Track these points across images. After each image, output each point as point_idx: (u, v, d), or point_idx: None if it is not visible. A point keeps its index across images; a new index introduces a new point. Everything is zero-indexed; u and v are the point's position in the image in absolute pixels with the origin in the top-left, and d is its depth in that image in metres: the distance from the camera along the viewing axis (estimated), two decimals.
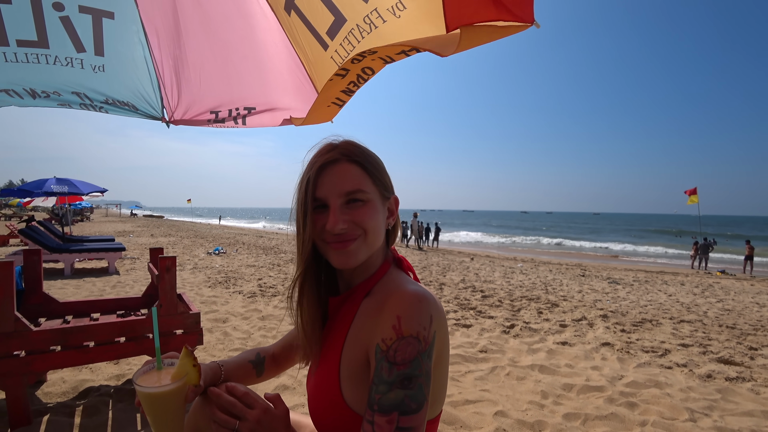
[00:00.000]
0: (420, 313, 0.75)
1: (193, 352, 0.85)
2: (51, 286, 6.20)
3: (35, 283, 2.77)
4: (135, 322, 2.41)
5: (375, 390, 0.73)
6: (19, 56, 1.64)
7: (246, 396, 0.85)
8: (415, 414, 0.72)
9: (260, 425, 0.81)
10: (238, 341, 3.71)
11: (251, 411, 0.82)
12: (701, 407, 2.71)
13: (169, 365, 0.87)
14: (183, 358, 0.83)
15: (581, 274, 11.04)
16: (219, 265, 9.10)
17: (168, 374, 0.83)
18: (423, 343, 0.74)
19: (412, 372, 0.72)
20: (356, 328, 0.85)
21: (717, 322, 5.41)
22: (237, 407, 0.82)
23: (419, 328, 0.74)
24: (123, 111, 1.95)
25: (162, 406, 0.79)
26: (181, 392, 0.81)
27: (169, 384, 0.79)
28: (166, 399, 0.78)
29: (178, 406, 0.82)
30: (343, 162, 0.86)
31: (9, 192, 12.93)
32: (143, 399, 0.78)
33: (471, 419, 2.42)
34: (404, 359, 0.72)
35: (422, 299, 0.77)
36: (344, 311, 0.91)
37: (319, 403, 0.87)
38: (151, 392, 0.77)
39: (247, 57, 1.91)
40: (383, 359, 0.74)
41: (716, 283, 10.29)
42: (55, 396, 2.53)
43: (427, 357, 0.74)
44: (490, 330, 4.49)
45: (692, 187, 18.06)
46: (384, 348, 0.74)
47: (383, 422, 0.70)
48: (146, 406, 0.79)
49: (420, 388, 0.73)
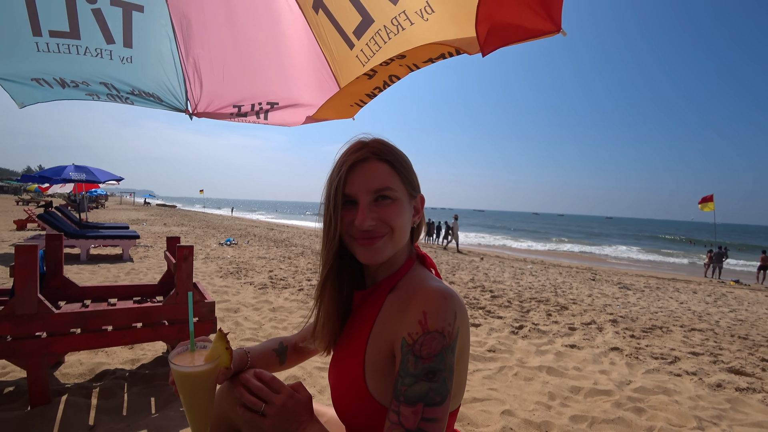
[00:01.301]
0: (445, 309, 0.78)
1: (227, 336, 0.89)
2: (67, 271, 6.35)
3: (56, 268, 2.85)
4: (151, 309, 2.47)
5: (401, 382, 0.76)
6: (51, 46, 1.69)
7: (273, 381, 0.90)
8: (439, 406, 0.74)
9: (285, 409, 0.86)
10: (249, 331, 3.78)
11: (277, 395, 0.88)
12: (710, 416, 2.69)
13: (202, 347, 0.91)
14: (217, 341, 0.87)
15: (591, 278, 10.94)
16: (230, 256, 9.22)
17: (201, 356, 0.87)
18: (447, 338, 0.76)
19: (436, 366, 0.75)
20: (381, 322, 0.88)
21: (729, 332, 5.34)
22: (264, 392, 0.88)
23: (444, 323, 0.76)
24: (148, 102, 1.99)
25: (194, 386, 0.83)
26: (213, 373, 0.85)
27: (202, 365, 0.83)
28: (199, 379, 0.83)
29: (210, 386, 0.86)
30: (373, 160, 0.88)
31: (29, 177, 13.20)
32: (178, 378, 0.83)
33: (478, 417, 2.44)
34: (429, 353, 0.75)
35: (447, 296, 0.79)
36: (369, 305, 0.94)
37: (343, 394, 0.90)
38: (185, 371, 0.81)
39: (271, 52, 1.93)
40: (409, 352, 0.76)
41: (729, 293, 10.12)
42: (73, 377, 2.61)
43: (450, 352, 0.77)
44: (499, 330, 4.49)
45: (707, 194, 17.66)
46: (410, 342, 0.77)
47: (409, 413, 0.73)
48: (180, 385, 0.83)
49: (444, 382, 0.75)
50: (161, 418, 2.17)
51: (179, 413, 2.23)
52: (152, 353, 3.05)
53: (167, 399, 2.38)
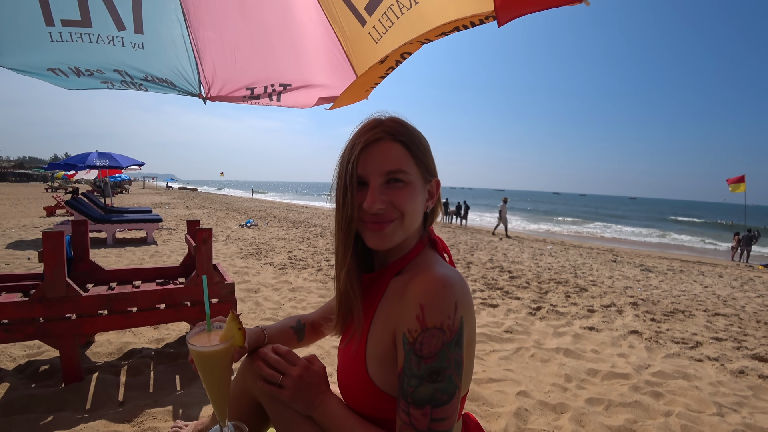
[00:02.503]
0: (444, 300, 0.74)
1: (239, 317, 0.92)
2: (95, 255, 6.60)
3: (83, 252, 2.96)
4: (174, 290, 2.55)
5: (407, 382, 0.74)
6: (64, 36, 1.70)
7: (289, 354, 0.94)
8: (447, 405, 0.73)
9: (302, 380, 0.90)
10: (269, 311, 3.87)
11: (293, 368, 0.91)
12: (730, 402, 2.64)
13: (218, 328, 0.94)
14: (230, 322, 0.91)
15: (613, 259, 10.74)
16: (251, 237, 9.39)
17: (217, 336, 0.91)
18: (448, 333, 0.73)
19: (439, 365, 0.72)
20: (383, 308, 0.86)
21: (755, 317, 5.17)
22: (281, 364, 0.92)
23: (443, 317, 0.73)
24: (162, 88, 2.01)
25: (211, 364, 0.87)
26: (227, 352, 0.89)
27: (217, 344, 0.87)
28: (215, 357, 0.87)
29: (226, 364, 0.90)
30: (387, 140, 0.84)
31: (55, 165, 13.61)
32: (195, 356, 0.87)
33: (494, 397, 2.46)
34: (430, 352, 0.72)
35: (446, 284, 0.75)
36: (375, 289, 0.93)
37: (346, 376, 0.92)
38: (201, 351, 0.86)
39: (283, 33, 1.91)
40: (411, 351, 0.74)
41: (757, 278, 9.77)
42: (103, 356, 2.74)
43: (454, 345, 0.74)
44: (517, 311, 4.48)
45: (739, 174, 16.77)
46: (411, 340, 0.74)
47: (418, 415, 0.73)
48: (198, 363, 0.88)
49: (450, 379, 0.73)
50: (186, 395, 2.26)
51: (202, 390, 2.32)
52: (176, 333, 3.17)
53: (191, 376, 2.48)
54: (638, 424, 2.30)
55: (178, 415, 2.06)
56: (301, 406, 0.90)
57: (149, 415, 2.03)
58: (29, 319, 2.19)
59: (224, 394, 0.91)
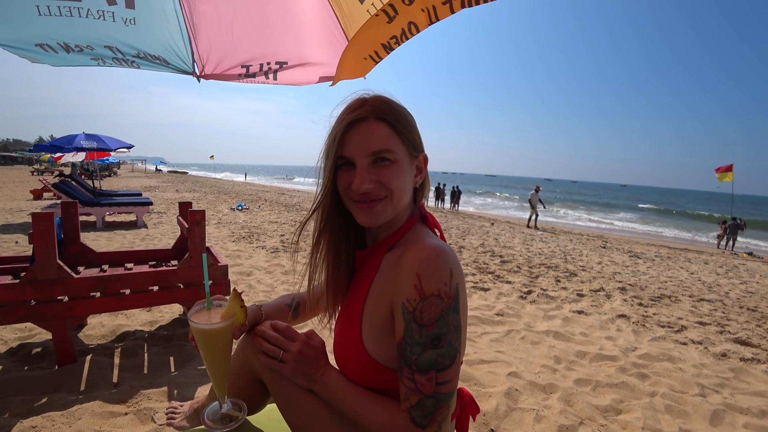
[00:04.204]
0: (439, 268, 0.76)
1: (241, 295, 0.92)
2: (85, 238, 6.51)
3: (73, 234, 2.92)
4: (167, 272, 2.54)
5: (410, 350, 0.76)
6: (52, 9, 1.64)
7: (288, 329, 0.95)
8: (449, 368, 0.76)
9: (302, 354, 0.91)
10: (262, 294, 3.88)
11: (293, 343, 0.93)
12: (712, 384, 2.73)
13: (217, 306, 0.95)
14: (232, 300, 0.92)
15: (602, 245, 10.90)
16: (242, 221, 9.34)
17: (217, 314, 0.91)
18: (446, 299, 0.75)
19: (439, 331, 0.75)
20: (378, 282, 0.88)
21: (738, 303, 5.32)
22: (280, 341, 0.93)
23: (440, 284, 0.75)
24: (154, 65, 1.96)
25: (212, 341, 0.88)
26: (229, 330, 0.90)
27: (219, 322, 0.87)
28: (216, 335, 0.87)
29: (227, 342, 0.90)
30: (372, 120, 0.85)
31: (41, 147, 13.31)
32: (197, 334, 0.87)
33: (485, 378, 2.51)
34: (430, 319, 0.75)
35: (440, 253, 0.78)
36: (369, 265, 0.95)
37: (342, 349, 0.94)
38: (204, 328, 0.86)
39: (279, 10, 1.86)
40: (411, 320, 0.76)
41: (741, 265, 10.00)
42: (96, 338, 2.73)
43: (452, 311, 0.76)
44: (508, 294, 4.55)
45: (728, 164, 16.98)
46: (410, 309, 0.76)
47: (424, 380, 0.75)
48: (199, 341, 0.88)
49: (450, 344, 0.76)
50: (180, 376, 2.27)
51: (197, 371, 2.33)
52: (169, 315, 3.16)
53: (185, 358, 2.49)
54: (624, 403, 2.37)
55: (173, 396, 2.07)
56: (302, 380, 0.92)
57: (144, 396, 2.05)
58: (20, 302, 2.17)
59: (224, 371, 0.92)
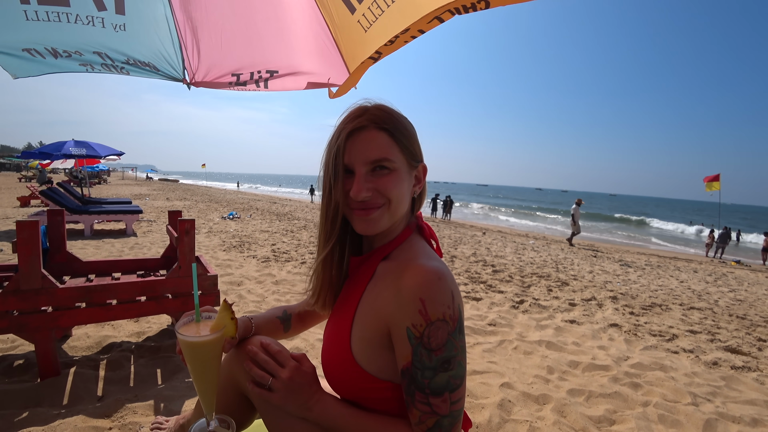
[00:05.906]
0: (441, 292, 0.77)
1: (232, 307, 0.89)
2: (72, 246, 6.40)
3: (59, 243, 2.86)
4: (155, 283, 2.49)
5: (421, 375, 0.77)
6: (40, 14, 1.62)
7: (279, 354, 0.91)
8: (460, 387, 0.78)
9: (292, 381, 0.88)
10: (252, 304, 3.82)
11: (283, 369, 0.89)
12: (704, 392, 2.73)
13: (207, 318, 0.91)
14: (222, 311, 0.88)
15: (593, 254, 10.98)
16: (233, 230, 9.25)
17: (206, 326, 0.88)
18: (451, 323, 0.77)
19: (449, 354, 0.76)
20: (371, 291, 0.88)
21: (727, 311, 5.37)
22: (270, 365, 0.89)
23: (444, 308, 0.76)
24: (144, 72, 1.94)
25: (201, 355, 0.84)
26: (218, 343, 0.86)
27: (208, 335, 0.84)
28: (206, 348, 0.84)
29: (216, 355, 0.87)
30: (372, 129, 0.85)
31: (29, 154, 13.13)
32: (185, 347, 0.84)
33: (478, 389, 2.49)
34: (438, 344, 0.76)
35: (441, 276, 0.78)
36: (362, 272, 0.95)
37: (330, 355, 0.92)
38: (192, 341, 0.83)
39: (270, 19, 1.86)
40: (419, 345, 0.77)
41: (730, 273, 10.14)
42: (81, 350, 2.66)
43: (458, 333, 0.78)
44: (500, 304, 4.54)
45: (715, 173, 17.34)
46: (417, 335, 0.77)
47: (439, 402, 0.77)
48: (187, 354, 0.84)
49: (459, 365, 0.77)
50: (167, 389, 2.21)
51: (185, 384, 2.28)
52: (157, 326, 3.10)
53: (173, 370, 2.43)
54: (617, 414, 2.36)
55: (160, 410, 2.02)
56: (293, 408, 0.89)
57: (130, 410, 1.98)
58: (2, 312, 2.10)
59: (213, 386, 0.88)
